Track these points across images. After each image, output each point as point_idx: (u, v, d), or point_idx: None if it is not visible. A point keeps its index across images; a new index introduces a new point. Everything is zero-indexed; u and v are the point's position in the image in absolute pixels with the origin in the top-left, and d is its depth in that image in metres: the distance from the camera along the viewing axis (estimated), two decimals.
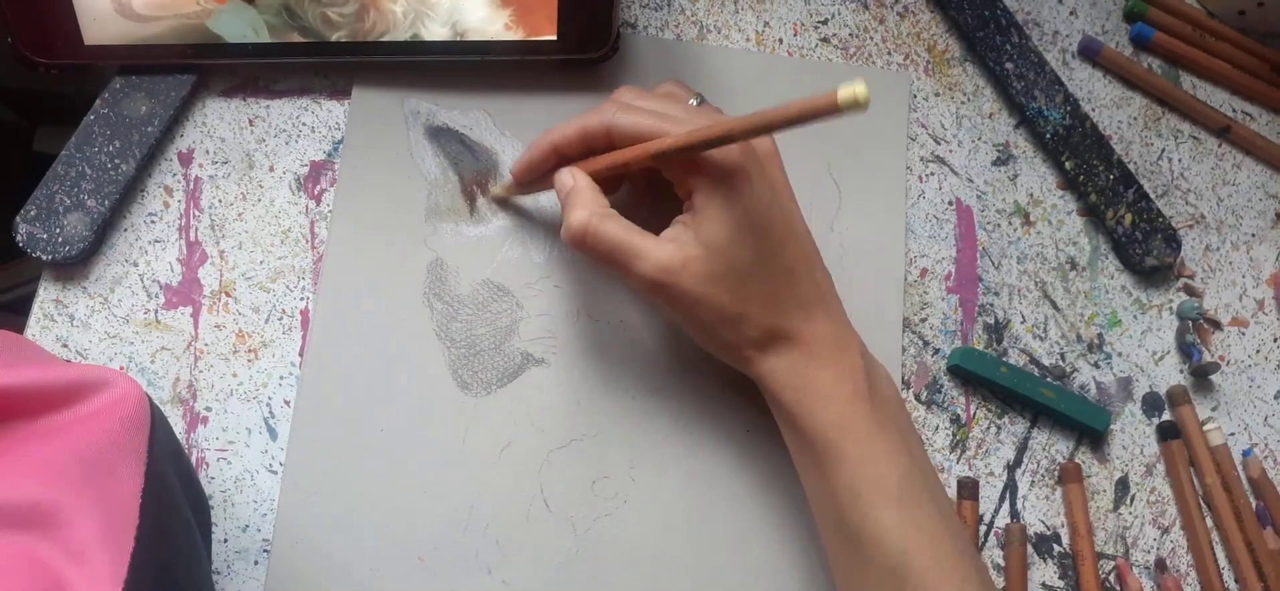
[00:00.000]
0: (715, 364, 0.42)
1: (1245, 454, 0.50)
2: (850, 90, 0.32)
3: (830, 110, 0.33)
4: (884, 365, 0.42)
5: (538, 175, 0.43)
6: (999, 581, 0.46)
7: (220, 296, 0.45)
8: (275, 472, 0.43)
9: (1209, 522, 0.48)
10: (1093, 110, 0.54)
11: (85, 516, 0.27)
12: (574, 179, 0.41)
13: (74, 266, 0.44)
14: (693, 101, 0.43)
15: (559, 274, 0.47)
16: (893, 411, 0.40)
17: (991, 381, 0.48)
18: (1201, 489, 0.49)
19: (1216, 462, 0.49)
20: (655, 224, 0.40)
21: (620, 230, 0.39)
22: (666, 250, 0.38)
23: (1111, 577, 0.47)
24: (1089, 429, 0.48)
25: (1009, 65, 0.53)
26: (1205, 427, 0.49)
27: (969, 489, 0.47)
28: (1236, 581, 0.48)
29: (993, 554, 0.47)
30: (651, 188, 0.44)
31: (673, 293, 0.39)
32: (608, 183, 0.41)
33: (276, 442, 0.43)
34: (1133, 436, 0.49)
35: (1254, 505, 0.49)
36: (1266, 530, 0.48)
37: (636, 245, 0.39)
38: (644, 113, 0.39)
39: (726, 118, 0.38)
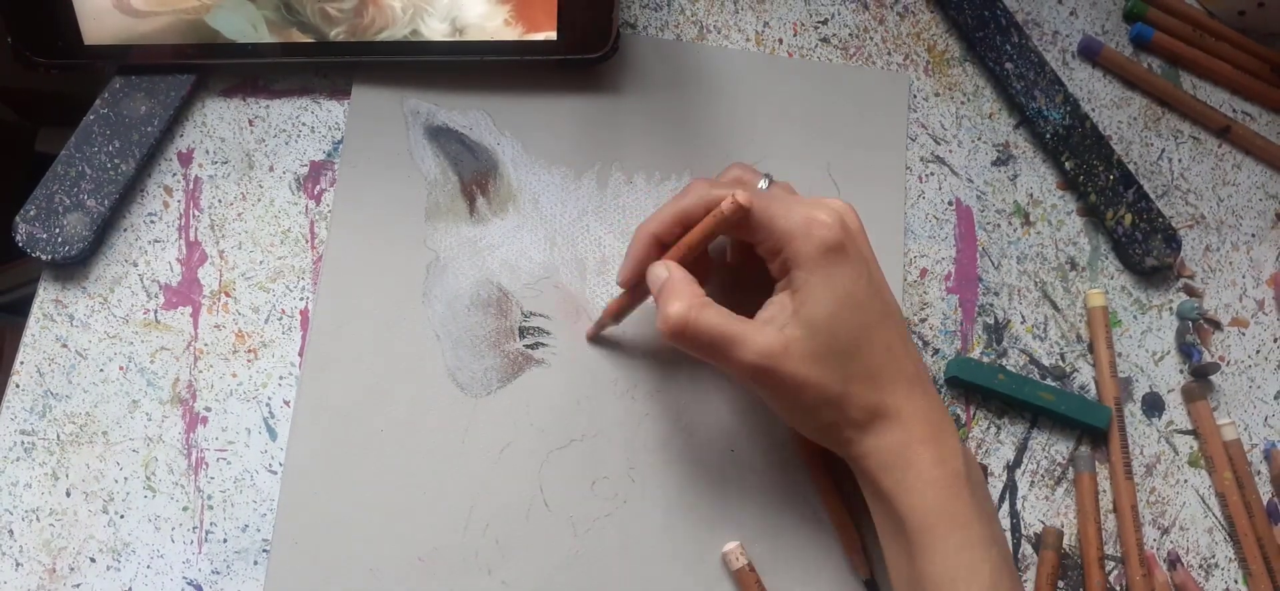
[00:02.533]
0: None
1: (1269, 447, 0.50)
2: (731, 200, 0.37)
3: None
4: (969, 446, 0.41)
5: (642, 271, 0.41)
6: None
7: (220, 296, 0.45)
8: (275, 473, 0.43)
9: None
10: (1093, 110, 0.54)
11: None
12: (669, 271, 0.40)
13: (74, 266, 0.44)
14: (763, 184, 0.43)
15: (558, 274, 0.47)
16: (983, 497, 0.39)
17: (990, 390, 0.48)
18: (1214, 484, 0.49)
19: (1230, 458, 0.49)
20: (750, 311, 0.39)
21: (719, 318, 0.38)
22: (767, 334, 0.38)
23: (1113, 577, 0.47)
24: (1090, 427, 0.48)
25: (1009, 65, 0.53)
26: (1220, 423, 0.49)
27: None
28: (1245, 577, 0.48)
29: None
30: (740, 277, 0.43)
31: (776, 377, 0.38)
32: (697, 270, 0.41)
33: (276, 443, 0.43)
34: (1133, 437, 0.49)
35: (1265, 501, 0.49)
36: (1277, 527, 0.48)
37: (736, 332, 0.38)
38: (739, 186, 0.39)
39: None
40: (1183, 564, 0.48)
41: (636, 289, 0.43)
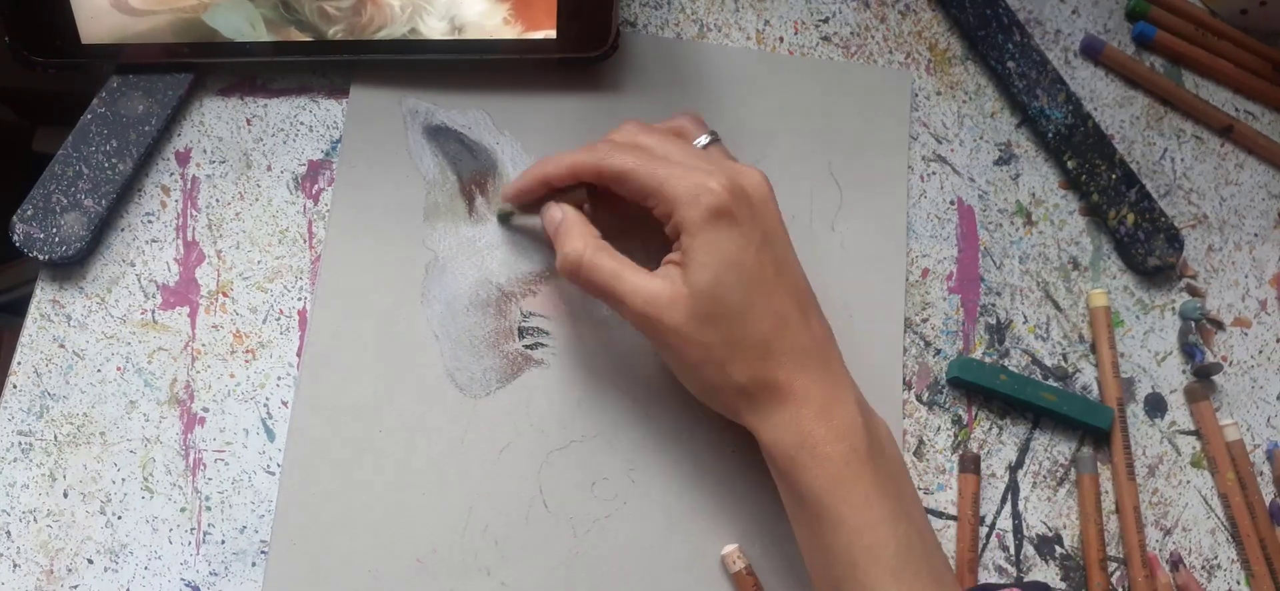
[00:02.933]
0: None
1: (1271, 447, 0.50)
2: None
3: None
4: (884, 421, 0.40)
5: (527, 202, 0.44)
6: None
7: (217, 296, 0.44)
8: (273, 473, 0.43)
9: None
10: (1095, 109, 0.54)
11: None
12: (563, 213, 0.42)
13: (71, 266, 0.44)
14: (703, 139, 0.43)
15: (558, 275, 0.46)
16: (893, 471, 0.39)
17: (992, 390, 0.47)
18: (1216, 485, 0.49)
19: (1233, 458, 0.49)
20: (649, 255, 0.41)
21: (613, 263, 0.40)
22: (655, 285, 0.39)
23: (1115, 578, 0.47)
24: (1092, 428, 0.48)
25: (1011, 64, 0.52)
26: (1223, 424, 0.49)
27: (970, 463, 0.47)
28: (1248, 578, 0.48)
29: (993, 554, 0.46)
30: (644, 217, 0.43)
31: (660, 328, 0.39)
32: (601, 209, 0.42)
33: (274, 443, 0.43)
34: (1135, 437, 0.49)
35: (1268, 502, 0.49)
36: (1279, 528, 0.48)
37: (628, 280, 0.39)
38: (634, 153, 0.40)
39: (723, 160, 0.41)
40: (1185, 565, 0.47)
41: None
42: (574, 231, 0.41)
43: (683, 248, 0.39)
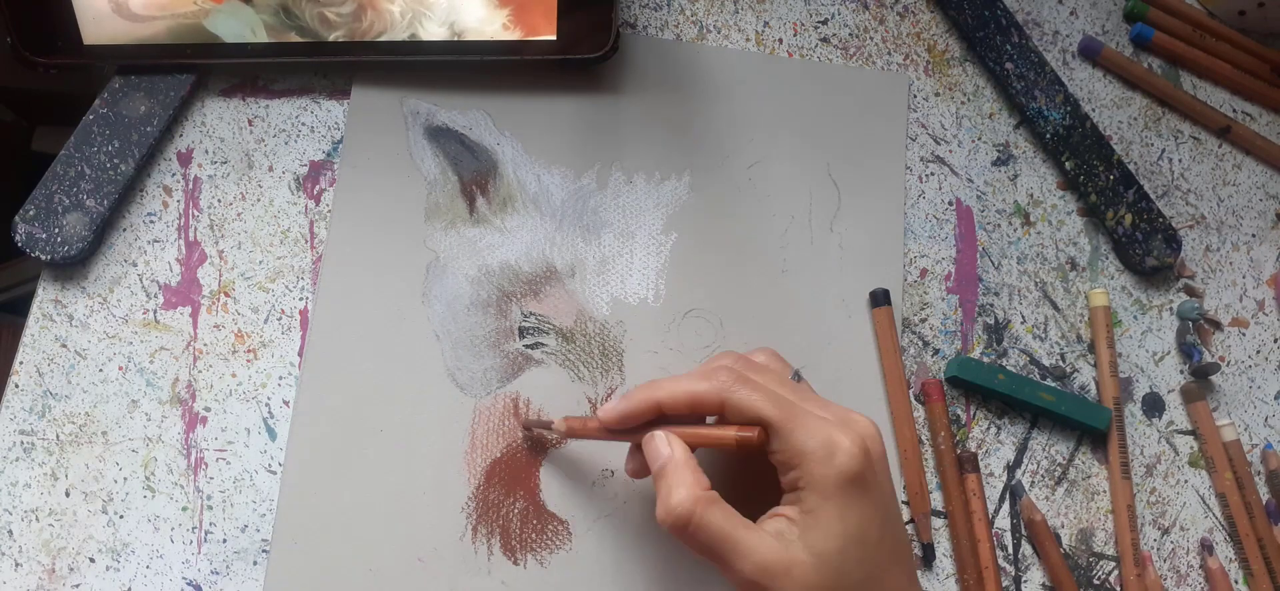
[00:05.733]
0: None
1: (1267, 447, 0.50)
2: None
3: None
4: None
5: (631, 426, 0.39)
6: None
7: (219, 296, 0.45)
8: (274, 473, 0.43)
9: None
10: (1093, 110, 0.54)
11: None
12: (672, 449, 0.37)
13: (73, 266, 0.44)
14: (791, 373, 0.40)
15: (558, 275, 0.46)
16: None
17: (990, 390, 0.48)
18: (1214, 485, 0.49)
19: (1230, 458, 0.49)
20: (751, 502, 0.37)
21: (724, 522, 0.35)
22: (771, 549, 0.35)
23: (1112, 578, 0.47)
24: (1089, 428, 0.48)
25: (1009, 65, 0.53)
26: (1219, 424, 0.49)
27: (969, 463, 0.47)
28: (1246, 577, 0.48)
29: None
30: (745, 462, 0.40)
31: None
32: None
33: (275, 443, 0.43)
34: (1133, 437, 0.49)
35: (1264, 500, 0.49)
36: (1277, 527, 0.48)
37: (739, 540, 0.35)
38: (763, 393, 0.36)
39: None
40: (1214, 553, 0.48)
41: (616, 433, 0.40)
42: (683, 478, 0.36)
43: (806, 506, 0.35)
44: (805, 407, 0.36)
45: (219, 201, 0.46)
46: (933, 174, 0.51)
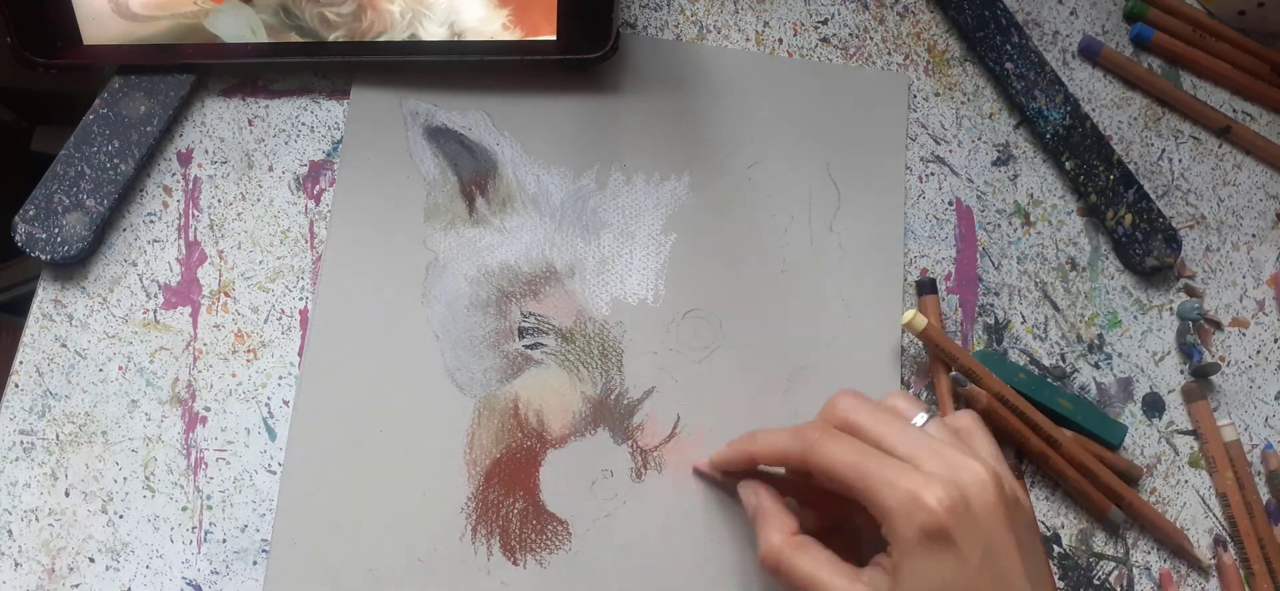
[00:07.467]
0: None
1: (1267, 447, 0.50)
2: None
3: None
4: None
5: (730, 471, 0.43)
6: None
7: (219, 296, 0.45)
8: (274, 473, 0.43)
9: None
10: (1093, 110, 0.54)
11: None
12: (758, 498, 0.40)
13: (73, 266, 0.44)
14: (920, 417, 0.39)
15: (558, 275, 0.46)
16: None
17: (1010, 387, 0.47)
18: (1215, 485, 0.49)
19: (1231, 458, 0.49)
20: (852, 546, 0.38)
21: (811, 564, 0.37)
22: None
23: (1111, 578, 0.47)
24: (1102, 441, 0.48)
25: (1009, 65, 0.53)
26: (1220, 424, 0.49)
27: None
28: (1247, 577, 0.48)
29: None
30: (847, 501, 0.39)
31: None
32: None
33: (275, 443, 0.43)
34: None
35: (1265, 500, 0.49)
36: (1278, 527, 0.48)
37: (825, 584, 0.36)
38: (845, 444, 0.37)
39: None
40: (1229, 549, 0.48)
41: (723, 478, 0.44)
42: (772, 522, 0.39)
43: (894, 560, 0.35)
44: (901, 454, 0.36)
45: (219, 201, 0.46)
46: (933, 174, 0.51)
